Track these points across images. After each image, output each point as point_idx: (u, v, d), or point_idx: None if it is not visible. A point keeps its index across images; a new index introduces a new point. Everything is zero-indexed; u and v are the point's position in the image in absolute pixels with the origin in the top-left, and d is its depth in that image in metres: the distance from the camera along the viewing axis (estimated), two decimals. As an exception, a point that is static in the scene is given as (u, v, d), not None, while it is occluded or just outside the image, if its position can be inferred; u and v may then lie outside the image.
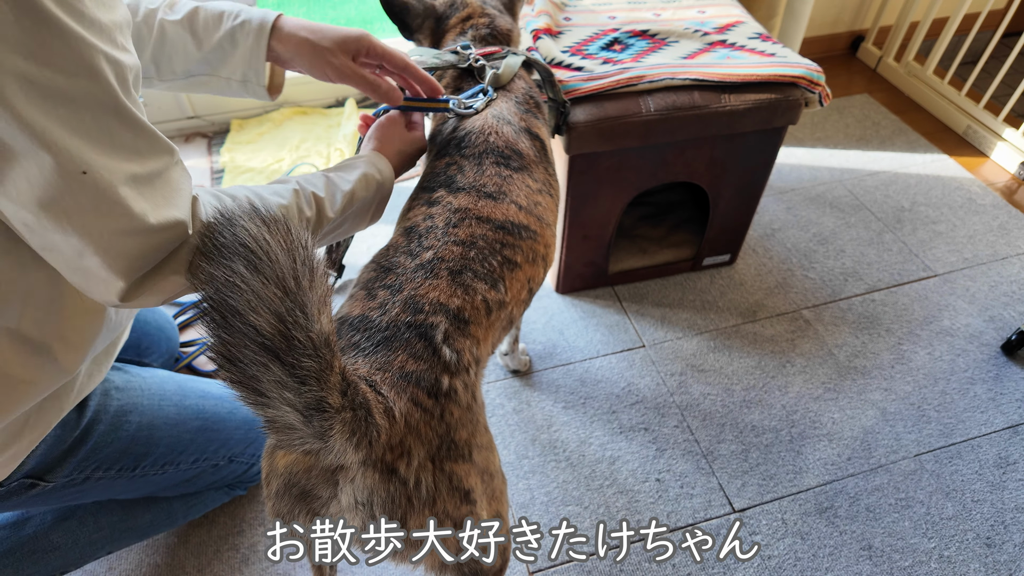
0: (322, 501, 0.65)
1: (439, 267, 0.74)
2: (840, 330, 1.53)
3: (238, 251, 0.48)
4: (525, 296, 0.85)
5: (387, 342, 0.68)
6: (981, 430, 1.33)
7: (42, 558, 0.94)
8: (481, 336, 0.75)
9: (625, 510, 1.21)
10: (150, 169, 0.57)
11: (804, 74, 1.27)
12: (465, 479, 0.67)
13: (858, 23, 2.44)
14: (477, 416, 0.71)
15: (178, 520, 1.10)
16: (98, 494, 0.90)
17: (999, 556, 1.15)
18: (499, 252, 0.79)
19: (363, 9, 2.90)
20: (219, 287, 0.48)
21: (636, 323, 1.54)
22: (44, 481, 0.80)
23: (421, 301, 0.71)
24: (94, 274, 0.56)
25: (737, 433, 1.33)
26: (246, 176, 1.89)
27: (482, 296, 0.75)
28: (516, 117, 0.96)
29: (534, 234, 0.85)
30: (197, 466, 0.99)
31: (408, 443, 0.63)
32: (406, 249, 0.78)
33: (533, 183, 0.90)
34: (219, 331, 0.48)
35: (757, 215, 1.81)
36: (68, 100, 0.50)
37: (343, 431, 0.55)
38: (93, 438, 0.83)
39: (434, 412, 0.66)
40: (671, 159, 1.36)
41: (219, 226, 0.50)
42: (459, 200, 0.82)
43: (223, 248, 0.48)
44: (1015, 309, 1.57)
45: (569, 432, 1.33)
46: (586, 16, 1.48)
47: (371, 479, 0.62)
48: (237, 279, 0.47)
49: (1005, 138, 1.97)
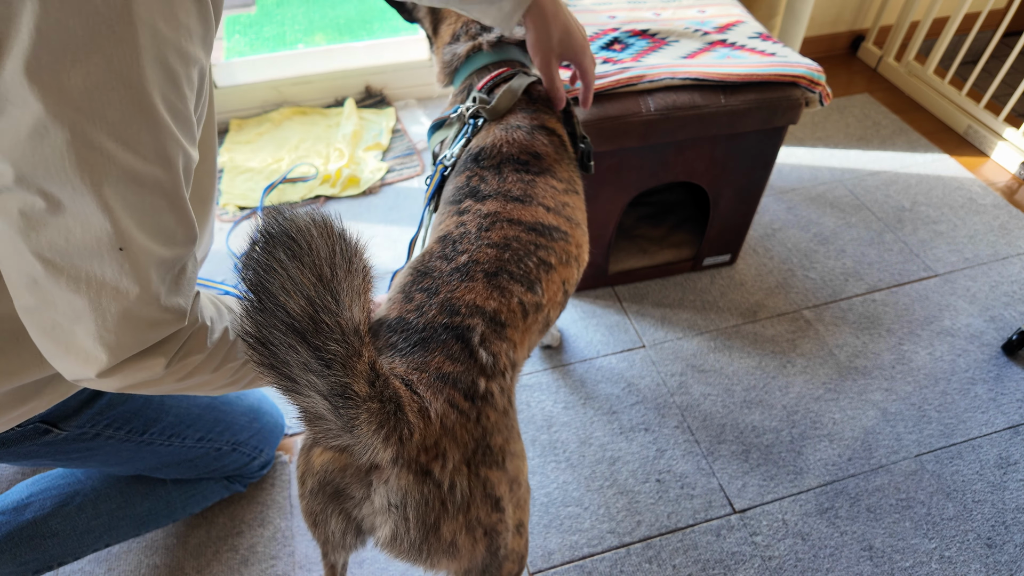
0: (355, 501, 0.65)
1: (474, 270, 0.74)
2: (841, 330, 1.52)
3: (282, 240, 0.50)
4: (561, 298, 0.85)
5: (424, 343, 0.68)
6: (982, 430, 1.33)
7: (40, 544, 0.95)
8: (518, 340, 0.75)
9: (625, 511, 1.21)
10: (175, 255, 0.58)
11: (804, 74, 1.27)
12: (497, 486, 0.66)
13: (858, 23, 2.44)
14: (512, 422, 0.71)
15: (176, 512, 1.10)
16: (104, 457, 0.91)
17: (1000, 556, 1.15)
18: (534, 253, 0.79)
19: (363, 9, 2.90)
20: (258, 270, 0.49)
21: (636, 323, 1.54)
22: (57, 428, 0.82)
23: (457, 303, 0.71)
24: (77, 344, 0.56)
25: (738, 433, 1.33)
26: (245, 176, 1.89)
27: (518, 299, 0.75)
28: (526, 119, 0.94)
29: (565, 235, 0.85)
30: (201, 446, 1.01)
31: (443, 445, 0.62)
32: (441, 254, 0.78)
33: (558, 183, 0.89)
34: (253, 312, 0.49)
35: (757, 215, 1.81)
36: (137, 181, 0.52)
37: (370, 421, 0.55)
38: (107, 394, 0.85)
39: (470, 415, 0.65)
40: (671, 159, 1.35)
41: (271, 218, 0.51)
42: (488, 206, 0.82)
43: (270, 237, 0.50)
44: (1016, 309, 1.57)
45: (569, 432, 1.33)
46: (586, 16, 1.47)
47: (405, 480, 0.61)
48: (275, 263, 0.49)
49: (1006, 138, 1.97)
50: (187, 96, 0.55)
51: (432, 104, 2.20)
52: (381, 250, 1.70)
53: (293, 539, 1.17)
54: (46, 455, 0.85)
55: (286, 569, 1.14)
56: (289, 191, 1.85)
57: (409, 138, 2.05)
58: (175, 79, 0.53)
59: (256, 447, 1.13)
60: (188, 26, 0.53)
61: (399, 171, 1.94)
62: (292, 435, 1.32)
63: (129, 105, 0.50)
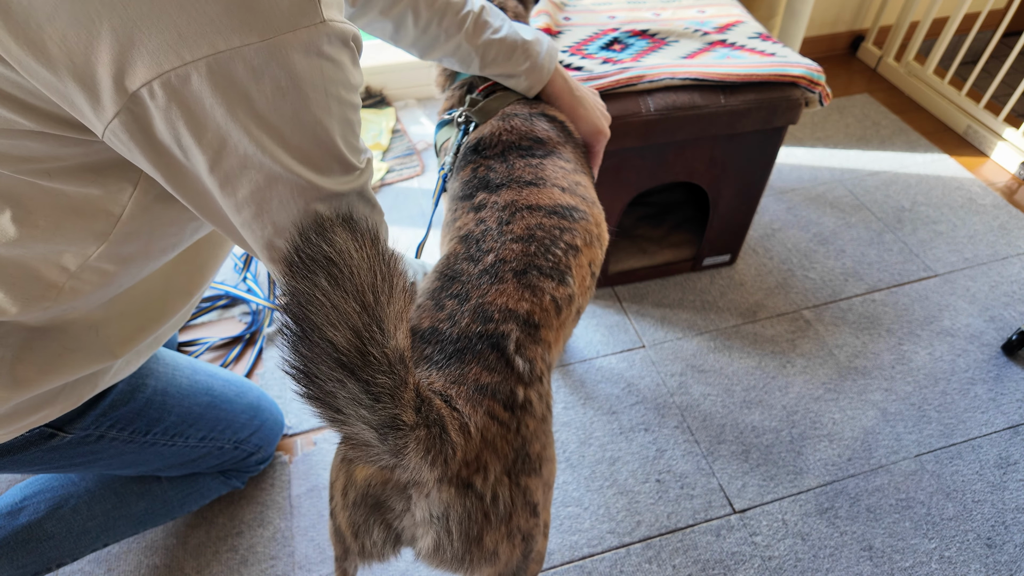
0: (395, 513, 0.64)
1: (503, 269, 0.73)
2: (840, 330, 1.52)
3: (322, 264, 0.48)
4: (590, 282, 0.83)
5: (459, 354, 0.67)
6: (982, 430, 1.33)
7: (36, 547, 0.94)
8: (552, 339, 0.74)
9: (625, 511, 1.21)
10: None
11: (804, 74, 1.27)
12: (535, 493, 0.66)
13: (858, 23, 2.44)
14: (548, 427, 0.71)
15: (174, 510, 1.10)
16: (107, 461, 0.91)
17: (1000, 557, 1.15)
18: (560, 239, 0.78)
19: (362, 9, 2.89)
20: (301, 301, 0.47)
21: (636, 323, 1.54)
22: (63, 432, 0.82)
23: (490, 308, 0.70)
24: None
25: (737, 434, 1.33)
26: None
27: (550, 295, 0.74)
28: (523, 107, 0.93)
29: (584, 214, 0.83)
30: (204, 445, 1.01)
31: (484, 458, 0.62)
32: (466, 255, 0.76)
33: (566, 164, 0.88)
34: (298, 346, 0.48)
35: (757, 215, 1.81)
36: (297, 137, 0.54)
37: (417, 449, 0.55)
38: (112, 394, 0.86)
39: (510, 425, 0.65)
40: (671, 159, 1.35)
41: (306, 238, 0.50)
42: (503, 197, 0.80)
43: (308, 260, 0.48)
44: (1015, 309, 1.57)
45: (569, 433, 1.33)
46: (586, 16, 1.47)
47: (447, 494, 0.61)
48: (318, 292, 0.47)
49: (1005, 138, 1.97)
50: None
51: (432, 104, 2.20)
52: (381, 250, 1.70)
53: (293, 539, 1.17)
54: (50, 462, 0.85)
55: (286, 569, 1.14)
56: (289, 191, 1.85)
57: (409, 138, 2.05)
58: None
59: (257, 445, 1.13)
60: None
61: (399, 171, 1.94)
62: (292, 435, 1.32)
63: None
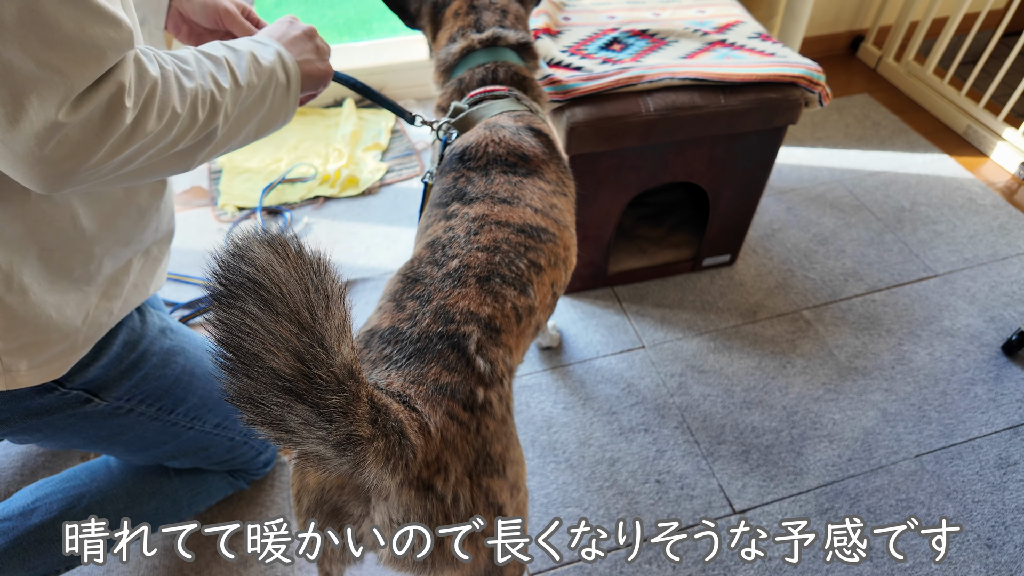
0: (354, 519, 0.64)
1: (466, 275, 0.73)
2: (840, 331, 1.52)
3: (248, 288, 0.45)
4: (550, 301, 0.85)
5: (419, 354, 0.66)
6: (982, 431, 1.33)
7: (48, 548, 0.94)
8: (513, 345, 0.74)
9: (625, 512, 1.21)
10: None
11: (804, 74, 1.27)
12: (499, 494, 0.66)
13: (858, 23, 2.44)
14: (511, 429, 0.70)
15: (183, 509, 1.10)
16: (131, 438, 0.93)
17: (1000, 557, 1.15)
18: (524, 255, 0.78)
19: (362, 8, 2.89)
20: (232, 331, 0.45)
21: (636, 324, 1.54)
22: (98, 398, 0.84)
23: (451, 310, 0.70)
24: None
25: (737, 434, 1.32)
26: (244, 176, 1.89)
27: (512, 303, 0.74)
28: (511, 119, 0.93)
29: (553, 236, 0.84)
30: (218, 432, 1.03)
31: (445, 458, 0.62)
32: (431, 259, 0.76)
33: (546, 185, 0.89)
34: (238, 376, 0.46)
35: (757, 215, 1.81)
36: None
37: (377, 460, 0.54)
38: (145, 367, 0.88)
39: (470, 426, 0.64)
40: (671, 159, 1.35)
41: (223, 262, 0.47)
42: (475, 209, 0.81)
43: (233, 286, 0.45)
44: (1015, 309, 1.57)
45: (569, 433, 1.33)
46: (585, 16, 1.47)
47: (407, 496, 0.60)
48: (249, 320, 0.45)
49: (1005, 138, 1.97)
50: None
51: (432, 104, 2.20)
52: (380, 251, 1.70)
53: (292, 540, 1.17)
54: (80, 431, 0.86)
55: (285, 570, 1.13)
56: (288, 191, 1.85)
57: (408, 138, 2.05)
58: None
59: (263, 441, 1.14)
60: None
61: (398, 171, 1.94)
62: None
63: None
